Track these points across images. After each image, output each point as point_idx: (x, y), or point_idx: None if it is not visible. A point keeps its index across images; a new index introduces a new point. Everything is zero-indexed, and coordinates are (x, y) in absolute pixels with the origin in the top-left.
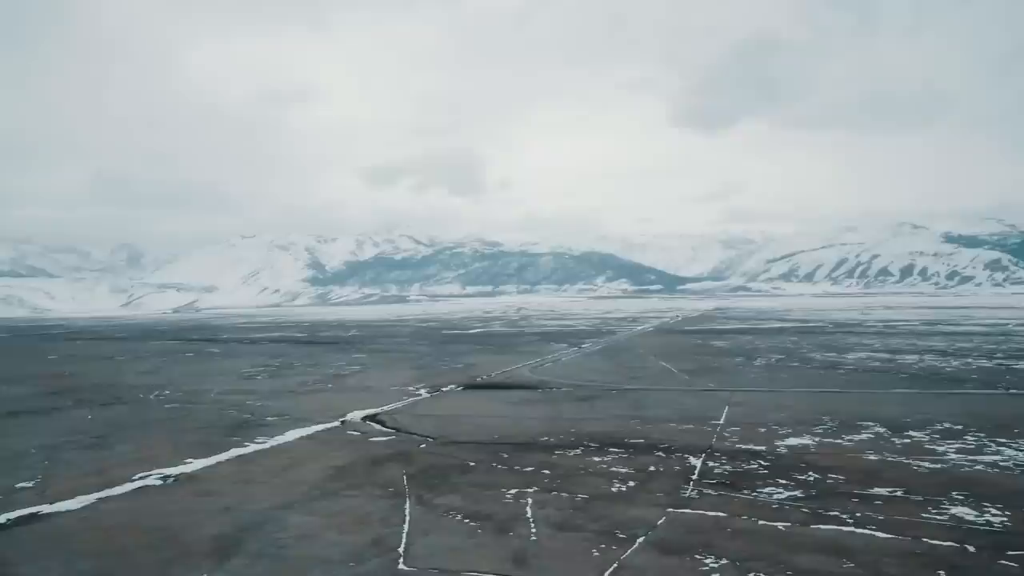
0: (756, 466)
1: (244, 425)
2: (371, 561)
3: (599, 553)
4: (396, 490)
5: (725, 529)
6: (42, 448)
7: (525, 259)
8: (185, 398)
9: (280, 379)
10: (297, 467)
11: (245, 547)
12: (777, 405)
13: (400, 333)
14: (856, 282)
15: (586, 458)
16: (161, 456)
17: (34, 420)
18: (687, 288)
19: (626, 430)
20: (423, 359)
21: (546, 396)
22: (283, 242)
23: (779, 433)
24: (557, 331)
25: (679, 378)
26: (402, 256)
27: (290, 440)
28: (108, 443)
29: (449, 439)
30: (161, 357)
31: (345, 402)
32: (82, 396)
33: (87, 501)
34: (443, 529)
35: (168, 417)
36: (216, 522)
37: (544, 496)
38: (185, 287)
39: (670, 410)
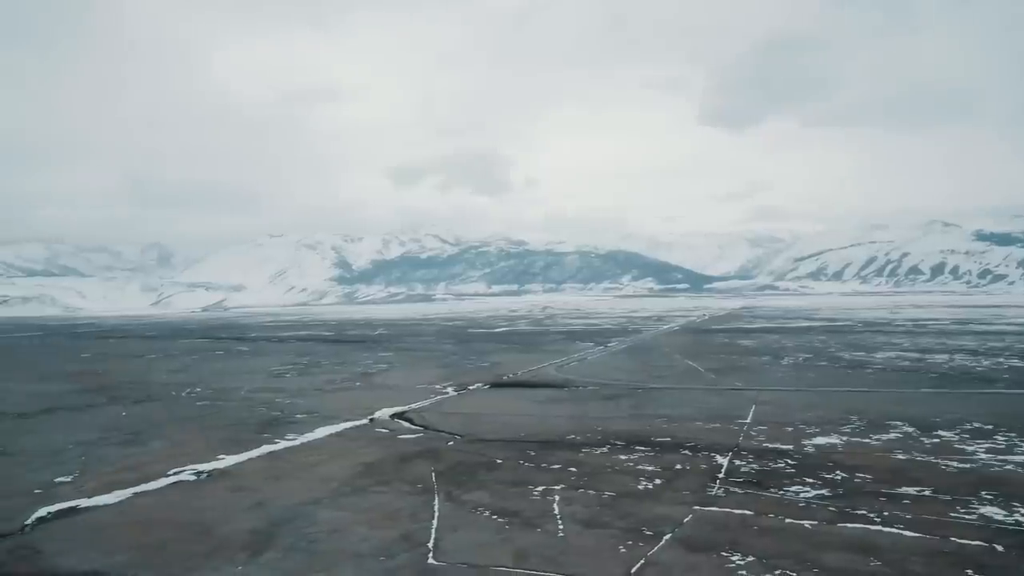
0: (783, 465)
1: (274, 422)
2: (401, 556)
3: (626, 550)
4: (425, 486)
5: (752, 527)
6: (78, 444)
7: (551, 258)
8: (216, 396)
9: (308, 377)
10: (327, 464)
11: (278, 541)
12: (804, 404)
13: (426, 332)
14: (886, 281)
15: (612, 456)
16: (194, 452)
17: (70, 416)
18: (714, 287)
19: (652, 429)
20: (449, 357)
21: (572, 395)
22: (310, 241)
23: (806, 432)
24: (583, 330)
25: (705, 377)
26: (428, 255)
27: (319, 437)
28: (142, 439)
29: (476, 437)
30: (191, 355)
31: (373, 400)
32: (115, 393)
33: (124, 496)
34: (471, 525)
35: (199, 414)
36: (249, 516)
37: (571, 493)
38: (213, 286)
39: (696, 409)
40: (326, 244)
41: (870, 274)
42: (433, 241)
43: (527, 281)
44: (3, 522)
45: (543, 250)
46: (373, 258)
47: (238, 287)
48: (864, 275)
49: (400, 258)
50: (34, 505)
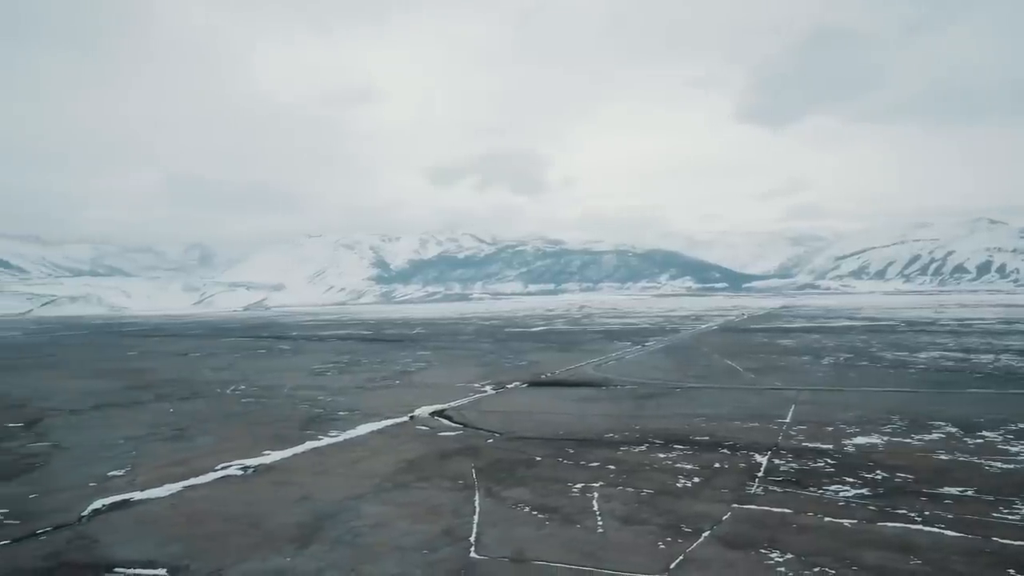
0: (822, 464)
1: (317, 419)
2: (443, 549)
3: (665, 546)
4: (465, 483)
5: (790, 525)
6: (129, 439)
7: (588, 257)
8: (259, 393)
9: (349, 375)
10: (369, 459)
11: (323, 534)
12: (845, 404)
13: (464, 331)
14: (930, 280)
15: (651, 454)
16: (240, 448)
17: (120, 413)
18: (753, 286)
19: (691, 427)
20: (487, 356)
21: (610, 393)
22: (348, 241)
23: (846, 432)
24: (620, 329)
25: (744, 376)
26: (465, 255)
27: (361, 434)
28: (190, 435)
29: (515, 434)
30: (234, 354)
31: (413, 398)
32: (162, 391)
33: (174, 489)
34: (512, 520)
35: (244, 411)
36: (295, 510)
37: (610, 490)
38: (254, 286)
39: (735, 408)
40: (364, 244)
41: (914, 273)
42: (470, 241)
43: (564, 280)
44: (61, 513)
45: (580, 249)
46: (410, 258)
47: (278, 286)
48: (907, 274)
49: (437, 258)
50: (89, 498)
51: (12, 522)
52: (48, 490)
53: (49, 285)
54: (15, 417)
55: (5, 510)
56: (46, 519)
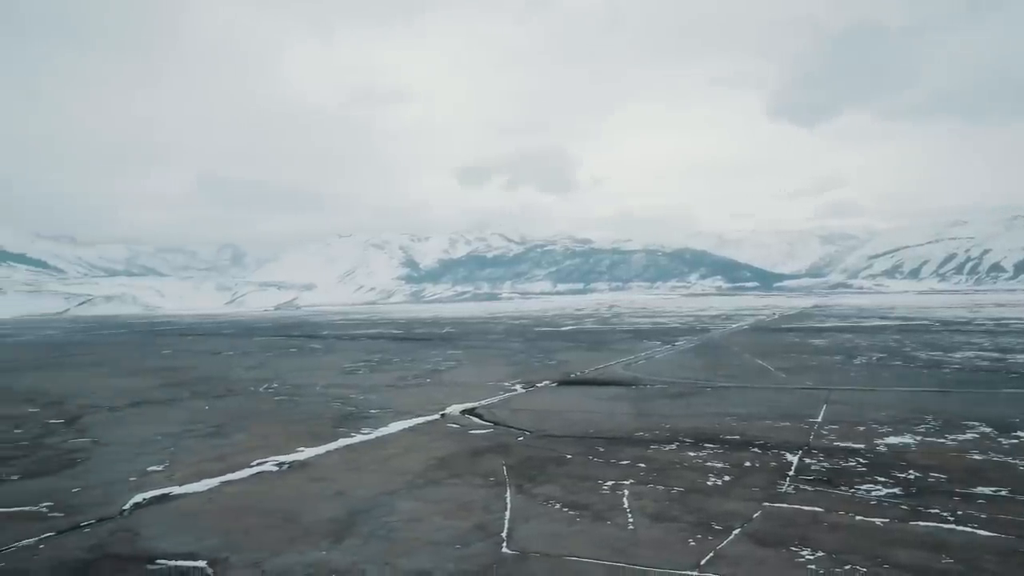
0: (854, 463)
1: (349, 417)
2: (476, 544)
3: (695, 543)
4: (496, 480)
5: (822, 523)
6: (166, 436)
7: (617, 256)
8: (292, 391)
9: (380, 374)
10: (401, 456)
11: (358, 529)
12: (877, 404)
13: (493, 330)
14: (966, 279)
15: (681, 453)
16: (275, 444)
17: (157, 410)
18: (784, 285)
19: (721, 426)
20: (517, 355)
21: (640, 392)
22: (378, 241)
23: (879, 432)
24: (650, 328)
25: (775, 376)
26: (494, 254)
27: (393, 431)
28: (225, 432)
29: (545, 432)
30: (266, 352)
31: (443, 396)
32: (197, 388)
33: (211, 484)
34: (543, 517)
35: (278, 408)
36: (330, 505)
37: (640, 488)
38: (285, 285)
39: (766, 408)
40: (394, 244)
41: (949, 272)
42: (499, 240)
43: (593, 280)
44: (104, 507)
45: (609, 248)
46: (440, 257)
47: (308, 286)
48: (942, 273)
49: (466, 257)
50: (130, 492)
51: (57, 515)
52: (90, 484)
53: (85, 285)
54: (56, 414)
55: (50, 503)
56: (89, 512)
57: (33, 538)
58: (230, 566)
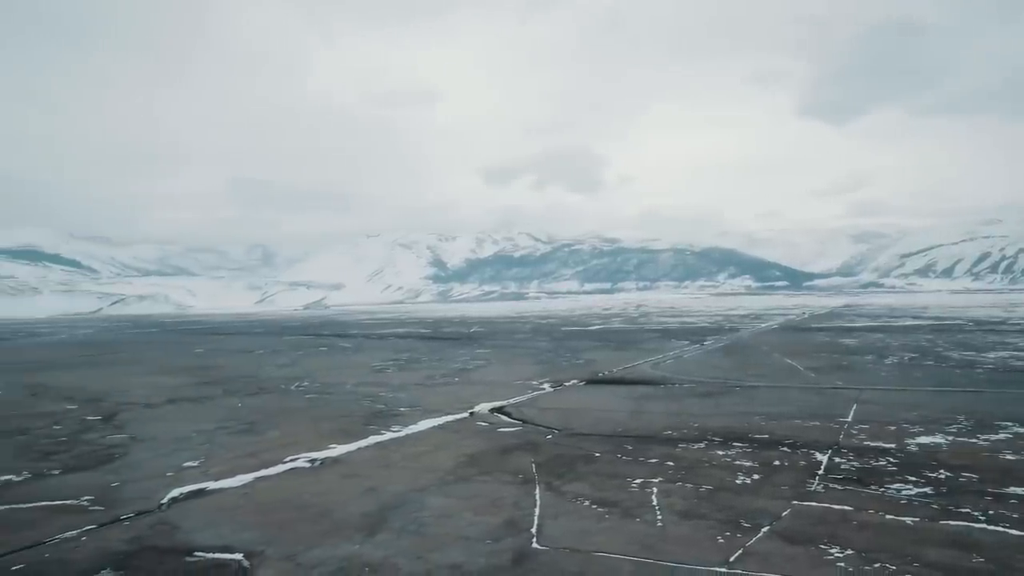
0: (885, 463)
1: (379, 414)
2: (506, 540)
3: (724, 540)
4: (525, 477)
5: (851, 522)
6: (201, 432)
7: (644, 256)
8: (322, 389)
9: (409, 372)
10: (431, 454)
11: (390, 523)
12: (908, 404)
13: (520, 329)
14: (1000, 278)
15: (710, 451)
16: (306, 441)
17: (191, 407)
18: (814, 284)
19: (750, 426)
20: (544, 355)
21: (668, 392)
22: (405, 241)
23: (910, 431)
24: (678, 328)
25: (805, 375)
26: (521, 254)
27: (423, 429)
28: (258, 429)
29: (573, 431)
30: (296, 351)
31: (472, 395)
32: (230, 386)
33: (246, 480)
34: (572, 513)
35: (309, 406)
36: (362, 501)
37: (669, 486)
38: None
39: (795, 407)
40: (421, 243)
41: (983, 271)
42: (526, 240)
43: (620, 279)
44: (142, 501)
45: (637, 248)
46: (467, 257)
47: (337, 286)
48: (977, 272)
49: (493, 257)
50: (167, 487)
51: (97, 508)
52: (128, 479)
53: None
54: (94, 411)
55: (90, 497)
56: (128, 506)
57: (75, 530)
58: (266, 559)
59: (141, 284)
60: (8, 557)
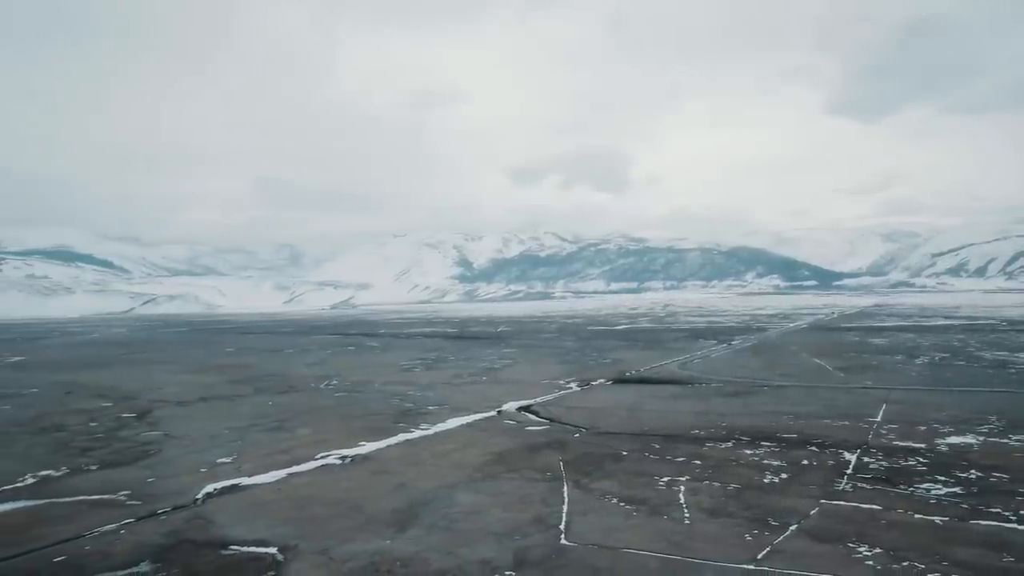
0: (914, 463)
1: (408, 413)
2: (535, 535)
3: (752, 538)
4: (553, 474)
5: (880, 521)
6: (233, 429)
7: (671, 255)
8: (351, 387)
9: (436, 371)
10: (460, 451)
11: (420, 519)
12: (939, 404)
13: (547, 329)
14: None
15: (737, 450)
16: (337, 439)
17: (223, 405)
18: (843, 284)
19: (778, 425)
20: (571, 354)
21: (695, 391)
22: (432, 240)
23: (940, 432)
24: (705, 327)
25: (834, 375)
26: (547, 253)
27: (451, 427)
28: (289, 426)
29: (601, 429)
30: (325, 350)
31: (499, 393)
32: (260, 385)
33: (278, 476)
34: (600, 510)
35: (338, 404)
36: (392, 497)
37: (696, 484)
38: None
39: (824, 407)
40: (447, 243)
41: (1017, 270)
42: (552, 239)
43: (647, 279)
44: (178, 496)
45: (664, 247)
46: (493, 256)
47: (364, 285)
48: (1010, 271)
49: (519, 256)
50: (202, 482)
51: (134, 502)
52: (163, 475)
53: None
54: (128, 408)
55: (127, 491)
56: (164, 501)
57: (114, 524)
58: (299, 552)
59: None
60: (50, 549)
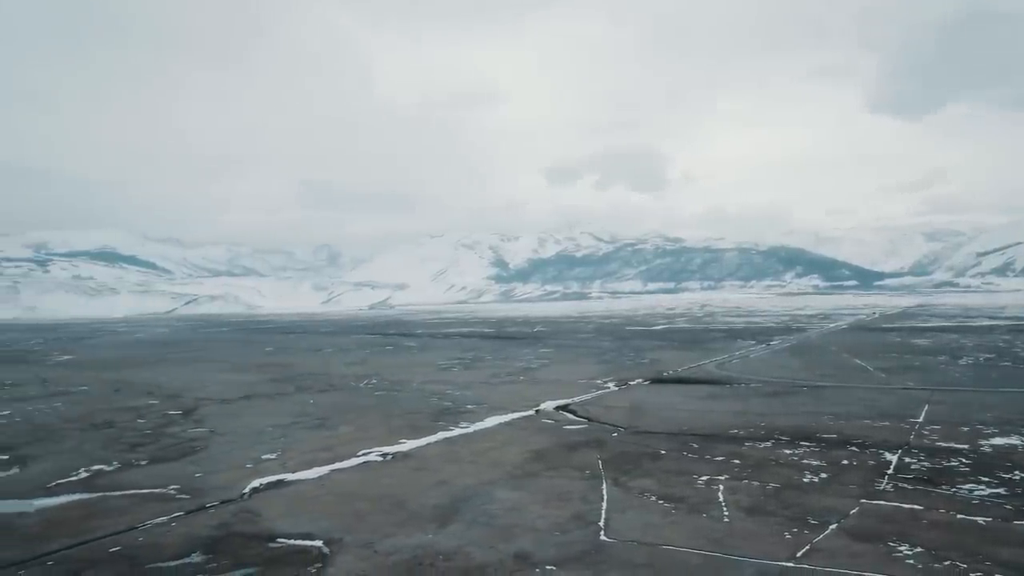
0: (957, 463)
1: (447, 411)
2: (575, 532)
3: (791, 536)
4: (592, 473)
5: (921, 521)
6: (276, 427)
7: (709, 255)
8: (391, 386)
9: (474, 371)
10: (499, 449)
11: (461, 515)
12: (983, 405)
13: (583, 329)
14: None
15: (776, 450)
16: (378, 436)
17: (265, 403)
18: (885, 284)
19: (818, 425)
20: (608, 354)
21: (734, 391)
22: (468, 241)
23: (984, 432)
24: (744, 328)
25: (875, 376)
26: (583, 253)
27: (489, 426)
28: (331, 424)
29: (639, 429)
30: (363, 350)
31: (537, 393)
32: (302, 383)
33: (322, 472)
34: (639, 508)
35: (378, 403)
36: (433, 493)
37: (735, 483)
38: (379, 285)
39: (864, 407)
40: (484, 244)
41: None
42: (588, 239)
43: (684, 279)
44: (224, 490)
45: (701, 247)
46: (529, 257)
47: (401, 285)
48: None
49: (555, 257)
50: (248, 477)
51: (184, 496)
52: (211, 470)
53: (190, 285)
54: (174, 406)
55: (177, 486)
56: (212, 495)
57: (165, 516)
58: (344, 546)
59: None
60: (105, 540)
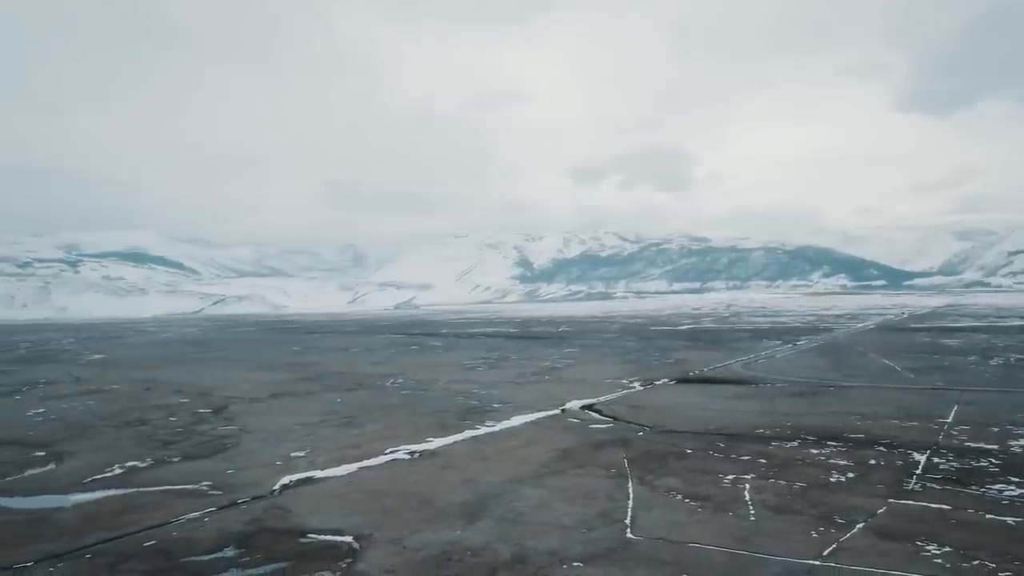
0: (986, 464)
1: (473, 410)
2: (601, 529)
3: (818, 535)
4: (618, 471)
5: (949, 520)
6: (305, 425)
7: (735, 254)
8: (417, 386)
9: (499, 370)
10: (525, 448)
11: (489, 512)
12: (1014, 405)
13: (608, 329)
14: None
15: (803, 450)
16: (405, 434)
17: (294, 401)
18: (914, 284)
19: (845, 425)
20: (633, 354)
21: (760, 391)
22: (493, 241)
23: (1014, 433)
24: (770, 328)
25: (903, 376)
26: (608, 253)
27: (516, 425)
28: (358, 422)
29: (664, 428)
30: (389, 349)
31: (562, 392)
32: (329, 382)
33: (350, 469)
34: (665, 506)
35: (405, 402)
36: (460, 491)
37: (761, 482)
38: (404, 285)
39: (892, 407)
40: (508, 244)
41: None
42: (613, 239)
43: (710, 279)
44: (255, 487)
45: (727, 247)
46: (554, 257)
47: (426, 286)
48: None
49: (580, 256)
50: (278, 474)
51: (216, 492)
52: (241, 467)
53: (217, 285)
54: (205, 404)
55: (209, 482)
56: (243, 491)
57: (198, 512)
58: (374, 541)
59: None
60: (140, 535)
